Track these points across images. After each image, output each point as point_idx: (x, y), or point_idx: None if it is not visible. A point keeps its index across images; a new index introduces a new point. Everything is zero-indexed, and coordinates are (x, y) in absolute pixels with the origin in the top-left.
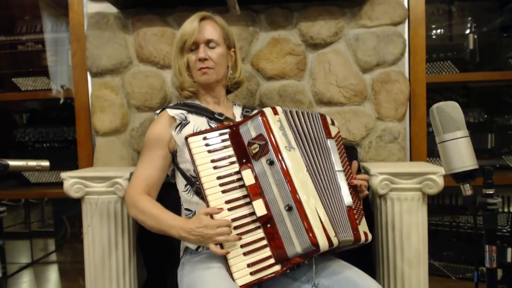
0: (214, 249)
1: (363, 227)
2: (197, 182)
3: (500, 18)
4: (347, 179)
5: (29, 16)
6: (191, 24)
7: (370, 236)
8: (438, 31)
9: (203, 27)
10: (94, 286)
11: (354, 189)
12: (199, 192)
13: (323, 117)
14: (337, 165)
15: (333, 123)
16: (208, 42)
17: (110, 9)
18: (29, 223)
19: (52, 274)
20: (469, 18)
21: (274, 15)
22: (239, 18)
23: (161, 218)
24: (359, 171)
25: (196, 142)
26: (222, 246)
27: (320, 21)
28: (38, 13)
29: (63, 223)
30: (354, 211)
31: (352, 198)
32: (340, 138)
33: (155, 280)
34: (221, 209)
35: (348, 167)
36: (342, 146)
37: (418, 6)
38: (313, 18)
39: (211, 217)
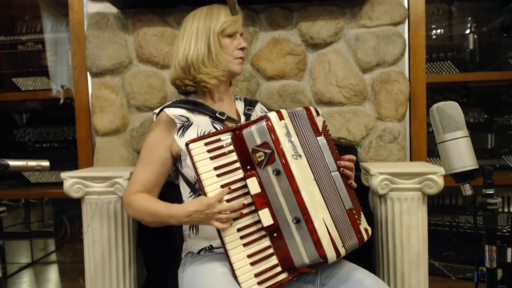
0: (219, 226)
1: (363, 224)
2: (200, 191)
3: (500, 18)
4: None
5: (29, 16)
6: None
7: (370, 231)
8: (438, 31)
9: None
10: (94, 286)
11: (347, 184)
12: None
13: (308, 112)
14: (331, 166)
15: (318, 113)
16: (241, 34)
17: (110, 9)
18: (29, 223)
19: (52, 274)
20: (469, 18)
21: (274, 15)
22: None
23: (156, 211)
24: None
25: (198, 149)
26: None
27: (320, 21)
28: (38, 13)
29: (63, 223)
30: (354, 212)
31: (350, 196)
32: (327, 128)
33: (155, 280)
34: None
35: (338, 160)
36: (331, 137)
37: (418, 6)
38: (313, 18)
39: None
